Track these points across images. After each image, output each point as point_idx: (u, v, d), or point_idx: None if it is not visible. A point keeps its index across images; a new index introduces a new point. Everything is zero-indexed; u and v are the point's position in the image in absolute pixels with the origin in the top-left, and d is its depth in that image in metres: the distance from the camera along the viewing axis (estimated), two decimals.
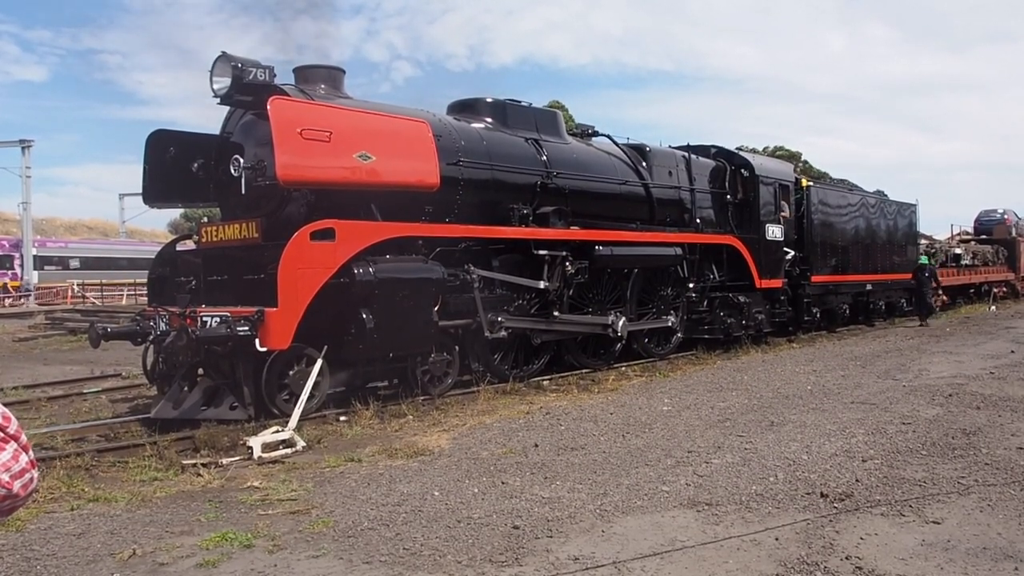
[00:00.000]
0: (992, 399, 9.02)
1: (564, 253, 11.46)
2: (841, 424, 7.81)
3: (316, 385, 8.61)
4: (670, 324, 13.86)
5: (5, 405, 1.75)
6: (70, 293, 36.70)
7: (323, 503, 5.56)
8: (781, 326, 17.03)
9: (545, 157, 11.88)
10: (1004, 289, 30.43)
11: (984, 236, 32.36)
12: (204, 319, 8.34)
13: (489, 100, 12.06)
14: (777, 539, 4.62)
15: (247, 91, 9.14)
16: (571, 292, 11.82)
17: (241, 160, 9.07)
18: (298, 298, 8.26)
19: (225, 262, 9.63)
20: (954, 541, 4.54)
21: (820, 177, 31.08)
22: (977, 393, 9.43)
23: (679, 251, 13.67)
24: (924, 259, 20.32)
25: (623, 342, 12.84)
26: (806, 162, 46.20)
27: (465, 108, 11.91)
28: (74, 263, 43.48)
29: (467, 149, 10.68)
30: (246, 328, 8.04)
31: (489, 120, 11.72)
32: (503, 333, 10.60)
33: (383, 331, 8.87)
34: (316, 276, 8.43)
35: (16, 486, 1.68)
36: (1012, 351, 13.81)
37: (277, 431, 7.46)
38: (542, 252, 11.21)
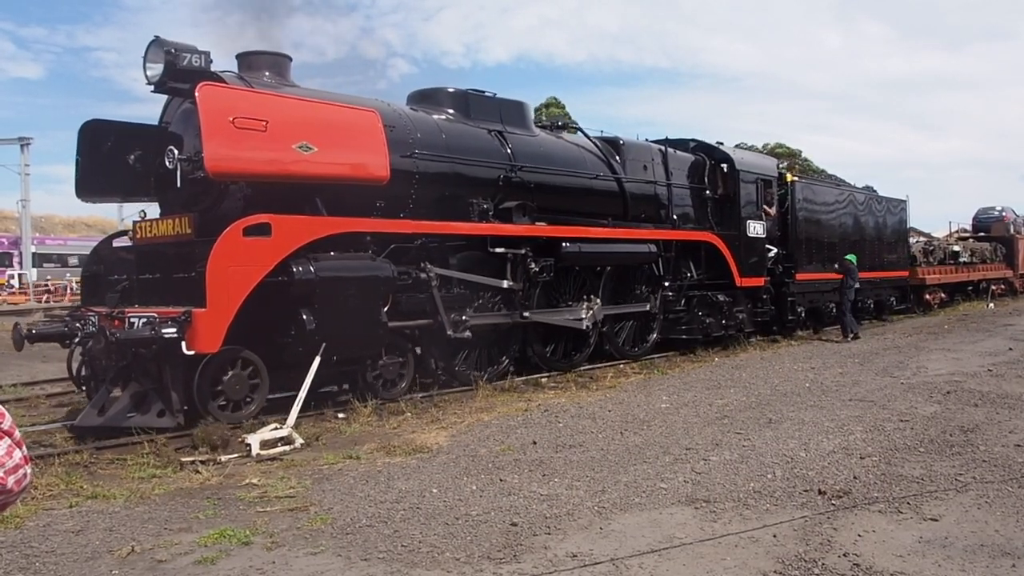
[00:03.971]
0: (990, 396, 9.04)
1: (524, 251, 10.96)
2: (839, 421, 7.82)
3: (254, 389, 8.28)
4: (647, 308, 13.38)
5: (0, 402, 1.75)
6: (69, 290, 36.67)
7: (321, 500, 5.56)
8: (764, 326, 16.52)
9: (509, 150, 11.36)
10: (1002, 286, 30.43)
11: (982, 233, 32.34)
12: (131, 320, 7.95)
13: (451, 90, 11.52)
14: (775, 536, 4.63)
15: (183, 78, 8.56)
16: (538, 291, 11.40)
17: (176, 151, 8.53)
18: (229, 298, 7.77)
19: (158, 260, 9.16)
20: (952, 538, 4.55)
21: (818, 175, 31.02)
22: (975, 390, 9.45)
23: (653, 248, 13.17)
24: (852, 257, 17.87)
25: (597, 328, 12.35)
26: (806, 160, 46.09)
27: (426, 98, 11.35)
28: (73, 260, 43.47)
29: (423, 141, 10.14)
30: (172, 330, 7.57)
31: (451, 111, 11.19)
32: (467, 333, 10.16)
33: (325, 332, 8.39)
34: (249, 274, 7.93)
35: (10, 482, 1.69)
36: (1010, 348, 13.83)
37: (275, 428, 7.46)
38: (499, 249, 10.72)
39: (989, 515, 4.94)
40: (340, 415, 8.72)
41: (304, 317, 8.30)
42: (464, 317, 10.16)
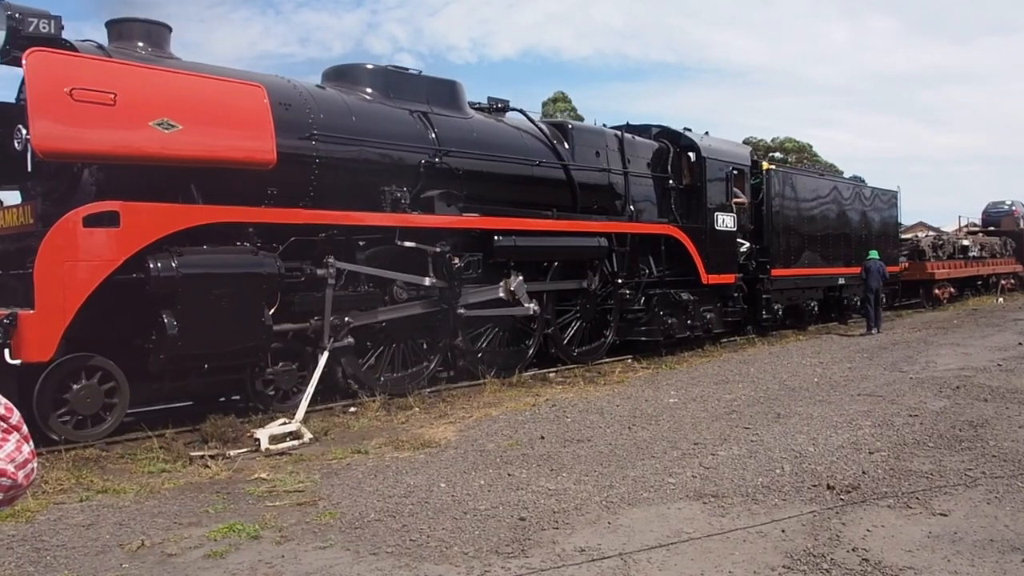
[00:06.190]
0: (999, 391, 9.00)
1: (438, 248, 9.79)
2: (848, 416, 7.80)
3: (117, 401, 7.38)
4: (584, 285, 12.11)
5: (7, 397, 1.76)
6: None
7: (330, 495, 5.58)
8: (736, 325, 15.49)
9: (435, 133, 10.23)
10: (1012, 281, 30.32)
11: (992, 228, 32.23)
12: None
13: (370, 67, 10.44)
14: (783, 531, 4.62)
15: (30, 46, 7.24)
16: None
17: (24, 131, 7.41)
18: (64, 299, 6.73)
19: (2, 255, 8.18)
20: (961, 533, 4.54)
21: (826, 169, 30.87)
22: (984, 385, 9.41)
23: (604, 242, 12.10)
24: (874, 254, 17.59)
25: (541, 330, 11.41)
26: (815, 154, 45.97)
27: (342, 76, 10.26)
28: None
29: (327, 122, 9.03)
30: None
31: (369, 90, 10.10)
32: (349, 340, 8.98)
33: (192, 337, 7.36)
34: (92, 271, 6.89)
35: (20, 476, 1.71)
36: (1020, 343, 13.78)
37: (284, 423, 7.48)
38: (408, 244, 9.61)
39: (999, 510, 4.92)
40: (351, 409, 8.74)
41: (165, 320, 7.26)
42: (347, 319, 8.94)
